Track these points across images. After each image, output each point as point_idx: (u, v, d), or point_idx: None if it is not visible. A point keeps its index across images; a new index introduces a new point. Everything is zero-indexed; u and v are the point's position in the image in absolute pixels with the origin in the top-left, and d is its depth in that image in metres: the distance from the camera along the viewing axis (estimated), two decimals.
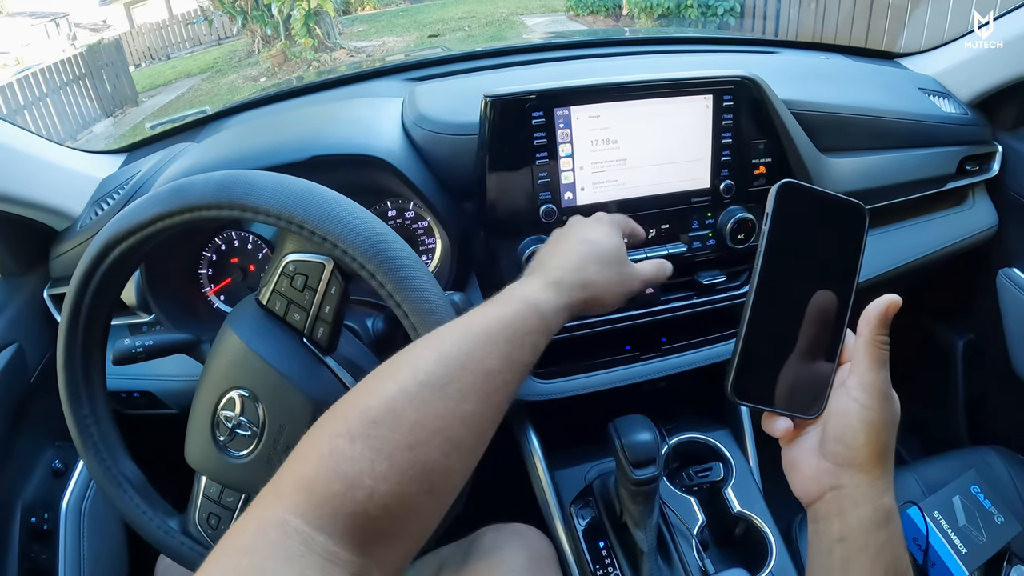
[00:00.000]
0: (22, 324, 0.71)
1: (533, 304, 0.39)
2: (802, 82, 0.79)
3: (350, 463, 0.30)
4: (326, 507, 0.29)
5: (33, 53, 6.11)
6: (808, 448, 0.38)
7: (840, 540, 0.35)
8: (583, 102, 0.60)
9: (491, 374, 0.35)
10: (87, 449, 0.51)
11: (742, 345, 0.37)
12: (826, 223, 0.38)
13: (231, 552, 0.28)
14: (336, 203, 0.44)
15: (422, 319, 0.42)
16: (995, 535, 0.77)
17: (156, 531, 0.52)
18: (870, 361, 0.36)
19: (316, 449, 0.31)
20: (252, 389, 0.48)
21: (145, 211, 0.45)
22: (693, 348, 0.70)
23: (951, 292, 1.03)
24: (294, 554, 0.27)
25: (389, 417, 0.32)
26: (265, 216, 0.43)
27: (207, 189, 0.43)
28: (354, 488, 0.30)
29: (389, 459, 0.31)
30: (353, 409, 0.32)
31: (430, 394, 0.33)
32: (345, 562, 0.29)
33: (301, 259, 0.47)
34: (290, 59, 6.15)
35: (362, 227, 0.43)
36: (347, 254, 0.43)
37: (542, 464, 0.70)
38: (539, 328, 0.38)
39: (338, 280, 0.46)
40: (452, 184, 0.65)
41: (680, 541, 0.65)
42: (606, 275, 0.45)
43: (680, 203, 0.66)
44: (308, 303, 0.47)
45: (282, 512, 0.29)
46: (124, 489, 0.52)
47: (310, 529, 0.29)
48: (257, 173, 0.44)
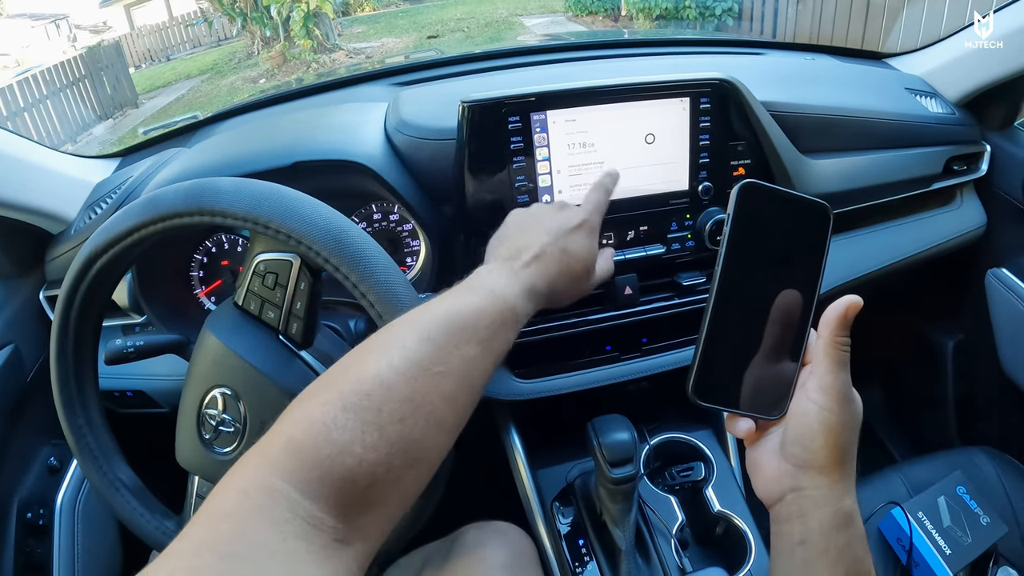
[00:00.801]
0: (18, 325, 0.73)
1: (511, 307, 0.41)
2: (785, 84, 0.79)
3: (341, 431, 0.31)
4: (315, 471, 0.30)
5: (33, 55, 6.17)
6: (770, 449, 0.38)
7: (801, 542, 0.35)
8: (559, 106, 0.61)
9: (471, 360, 0.36)
10: (84, 456, 0.53)
11: (703, 346, 0.37)
12: (789, 223, 0.37)
13: (211, 516, 0.28)
14: (298, 201, 0.45)
15: (387, 308, 0.44)
16: (980, 536, 0.77)
17: (154, 533, 0.54)
18: (829, 363, 0.36)
19: (308, 415, 0.32)
20: (233, 387, 0.50)
21: (123, 223, 0.46)
22: (673, 348, 0.71)
23: (940, 292, 1.02)
24: (279, 518, 0.28)
25: (381, 390, 0.33)
26: (233, 219, 0.44)
27: (177, 199, 0.45)
28: (344, 455, 0.30)
29: (379, 430, 0.32)
30: (346, 380, 0.33)
31: (418, 372, 0.34)
32: (329, 528, 0.29)
33: (270, 258, 0.48)
34: (289, 60, 6.18)
35: (323, 223, 0.44)
36: (311, 249, 0.44)
37: (524, 463, 0.71)
38: (513, 326, 0.41)
39: (306, 275, 0.48)
40: (433, 188, 0.66)
41: (659, 540, 0.66)
42: (574, 289, 0.48)
43: (659, 205, 0.67)
44: (280, 300, 0.49)
45: (269, 475, 0.29)
46: (121, 494, 0.54)
47: (296, 493, 0.29)
48: (222, 180, 0.46)
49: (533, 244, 0.46)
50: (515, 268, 0.44)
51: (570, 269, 0.47)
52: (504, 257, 0.46)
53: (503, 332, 0.39)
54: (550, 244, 0.46)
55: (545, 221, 0.48)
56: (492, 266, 0.45)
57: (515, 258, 0.45)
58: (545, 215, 0.49)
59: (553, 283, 0.45)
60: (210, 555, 0.26)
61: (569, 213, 0.50)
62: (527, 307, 0.43)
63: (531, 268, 0.44)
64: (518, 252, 0.45)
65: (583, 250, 0.48)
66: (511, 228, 0.49)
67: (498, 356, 0.39)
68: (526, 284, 0.43)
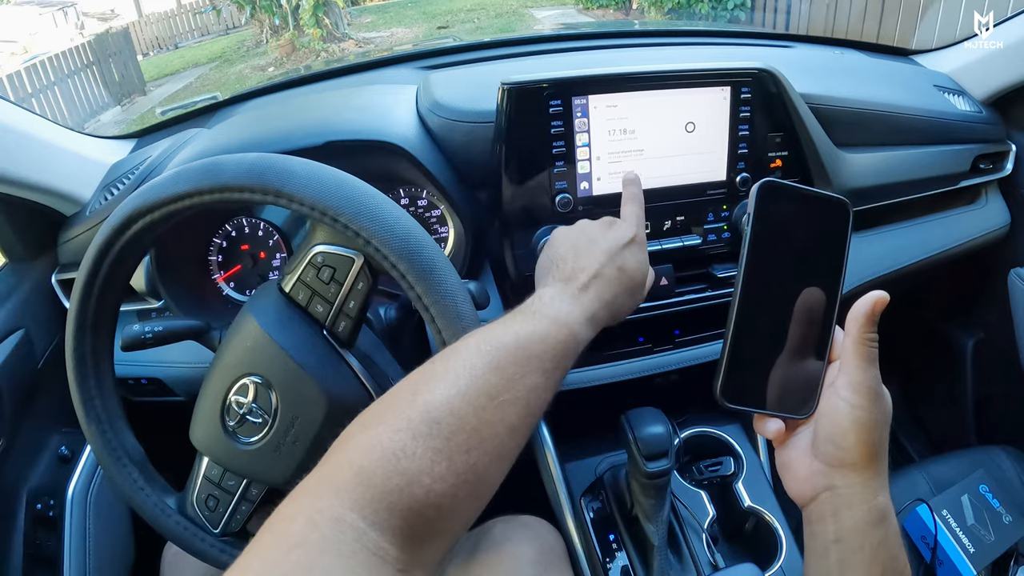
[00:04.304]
0: (30, 310, 0.71)
1: (575, 335, 0.40)
2: (818, 76, 0.78)
3: (411, 460, 0.30)
4: (383, 501, 0.29)
5: (41, 42, 6.05)
6: (801, 449, 0.38)
7: (836, 541, 0.35)
8: (601, 91, 0.60)
9: (534, 390, 0.36)
10: (89, 420, 0.50)
11: (730, 347, 0.37)
12: (810, 221, 0.38)
13: (278, 544, 0.27)
14: (373, 198, 0.43)
15: (450, 327, 0.42)
16: (1003, 535, 0.77)
17: (152, 508, 0.51)
18: (858, 360, 0.36)
19: (377, 443, 0.31)
20: (267, 377, 0.48)
21: (173, 187, 0.44)
22: (706, 341, 0.70)
23: (961, 291, 1.02)
24: (346, 550, 0.27)
25: (451, 419, 0.32)
26: (299, 205, 0.42)
27: (239, 170, 0.42)
28: (412, 485, 0.30)
29: (448, 460, 0.31)
30: (413, 407, 0.33)
31: (486, 401, 0.34)
32: (393, 559, 0.29)
33: (331, 251, 0.46)
34: (298, 49, 6.14)
35: (398, 227, 0.42)
36: (379, 252, 0.42)
37: (553, 456, 0.70)
38: (574, 354, 0.41)
39: (366, 276, 0.46)
40: (467, 172, 0.64)
41: (690, 535, 0.65)
42: (631, 304, 0.48)
43: (696, 195, 0.66)
44: (333, 296, 0.47)
45: (338, 506, 0.29)
46: (123, 463, 0.51)
47: (364, 524, 0.29)
48: (292, 159, 0.43)
49: (590, 266, 0.45)
50: (574, 292, 0.43)
51: (628, 286, 0.47)
52: (561, 279, 0.45)
53: (565, 361, 0.39)
54: (607, 264, 0.45)
55: (599, 240, 0.47)
56: (552, 291, 0.43)
57: (572, 280, 0.44)
58: (596, 233, 0.48)
59: (612, 304, 0.45)
60: None
61: (620, 230, 0.49)
62: (588, 334, 0.42)
63: (591, 292, 0.44)
64: (574, 274, 0.45)
65: (639, 265, 0.48)
66: (562, 248, 0.48)
67: (557, 384, 0.39)
68: (588, 311, 0.43)
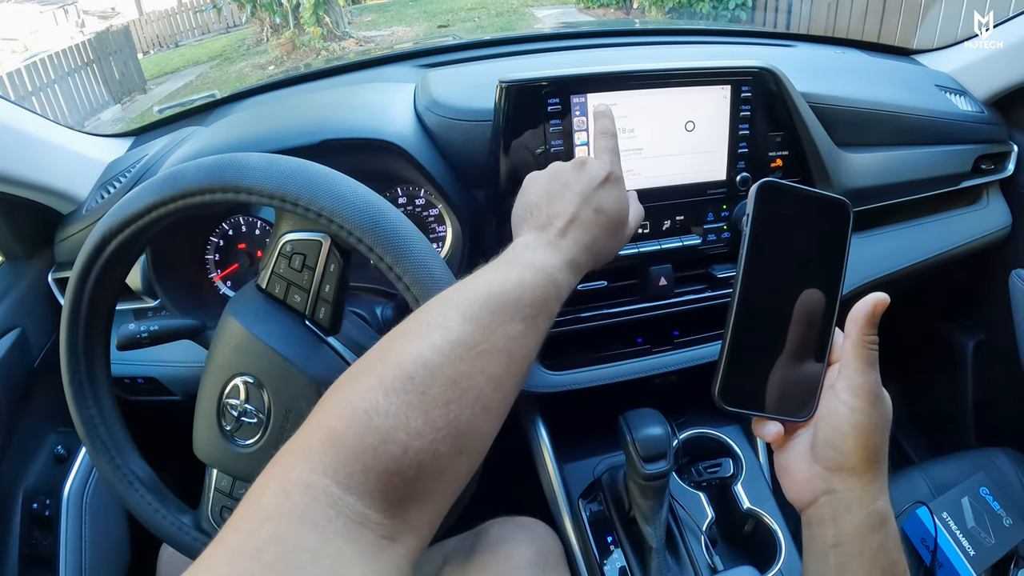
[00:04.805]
0: (26, 308, 0.70)
1: (554, 280, 0.38)
2: (819, 76, 0.78)
3: (384, 417, 0.29)
4: (357, 463, 0.28)
5: (41, 40, 6.04)
6: (800, 452, 0.37)
7: (834, 545, 0.35)
8: (600, 89, 0.59)
9: (515, 338, 0.34)
10: (96, 449, 0.51)
11: (728, 349, 0.37)
12: (810, 221, 0.37)
13: (250, 518, 0.26)
14: (329, 177, 0.43)
15: (424, 291, 0.41)
16: (1003, 537, 0.77)
17: (169, 528, 0.52)
18: (858, 362, 0.35)
19: (347, 403, 0.30)
20: (256, 375, 0.47)
21: (140, 200, 0.44)
22: (705, 342, 0.70)
23: (962, 292, 1.02)
24: (320, 518, 0.26)
25: (424, 372, 0.31)
26: (258, 196, 0.42)
27: (199, 174, 0.43)
28: (388, 443, 0.28)
29: (425, 415, 0.30)
30: (385, 364, 0.31)
31: (463, 352, 0.32)
32: (375, 524, 0.28)
33: (298, 238, 0.45)
34: (299, 48, 6.13)
35: (357, 200, 0.42)
36: (343, 228, 0.42)
37: (551, 457, 0.69)
38: (556, 301, 0.39)
39: (336, 257, 0.45)
40: (464, 171, 0.64)
41: (689, 537, 0.65)
42: (614, 244, 0.46)
43: (695, 195, 0.65)
44: (307, 283, 0.46)
45: (308, 471, 0.27)
46: (135, 488, 0.52)
47: (339, 489, 0.27)
48: (247, 155, 0.43)
49: (565, 210, 0.42)
50: (551, 239, 0.41)
51: (607, 227, 0.44)
52: (537, 227, 0.42)
53: (546, 308, 0.38)
54: (583, 207, 0.43)
55: (571, 182, 0.44)
56: (528, 238, 0.41)
57: (548, 227, 0.42)
58: (568, 175, 0.45)
59: (592, 247, 0.43)
60: (250, 563, 0.24)
61: (592, 168, 0.45)
62: (570, 280, 0.40)
63: (568, 238, 0.42)
64: (549, 221, 0.42)
65: (616, 204, 0.45)
66: (535, 195, 0.45)
67: (541, 334, 0.37)
68: (566, 256, 0.41)
